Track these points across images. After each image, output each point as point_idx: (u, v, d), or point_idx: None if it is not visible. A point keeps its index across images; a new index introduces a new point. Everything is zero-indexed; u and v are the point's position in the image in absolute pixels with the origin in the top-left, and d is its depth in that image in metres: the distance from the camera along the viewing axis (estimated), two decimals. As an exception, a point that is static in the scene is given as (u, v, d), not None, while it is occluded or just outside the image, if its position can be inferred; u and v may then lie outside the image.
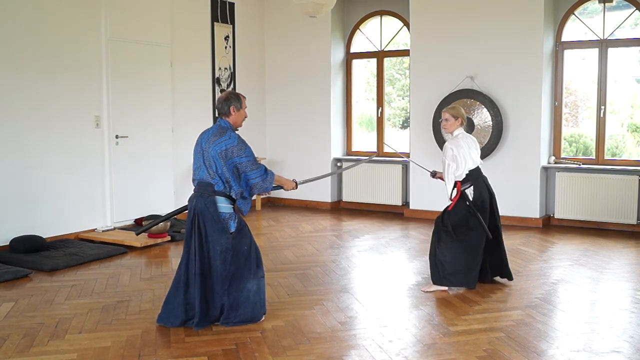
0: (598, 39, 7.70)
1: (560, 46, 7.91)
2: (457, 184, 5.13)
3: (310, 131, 9.48)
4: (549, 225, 7.91)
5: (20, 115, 6.63)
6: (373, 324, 4.42)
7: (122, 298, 5.03)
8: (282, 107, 9.77)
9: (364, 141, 9.68)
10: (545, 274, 5.67)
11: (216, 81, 8.95)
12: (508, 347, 3.96)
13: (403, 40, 9.09)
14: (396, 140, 9.35)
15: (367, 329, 4.32)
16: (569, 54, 7.98)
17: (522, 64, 7.76)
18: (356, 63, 9.61)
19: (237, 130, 4.46)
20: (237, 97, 4.43)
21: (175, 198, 8.23)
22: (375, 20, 9.27)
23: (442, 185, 5.28)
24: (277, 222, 8.39)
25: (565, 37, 7.91)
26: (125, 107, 7.63)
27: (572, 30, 7.92)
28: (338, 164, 9.40)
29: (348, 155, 9.57)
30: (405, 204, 8.88)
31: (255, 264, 4.42)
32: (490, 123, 7.89)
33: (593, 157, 7.87)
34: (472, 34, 8.04)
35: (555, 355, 3.85)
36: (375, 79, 9.32)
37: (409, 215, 8.63)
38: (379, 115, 9.23)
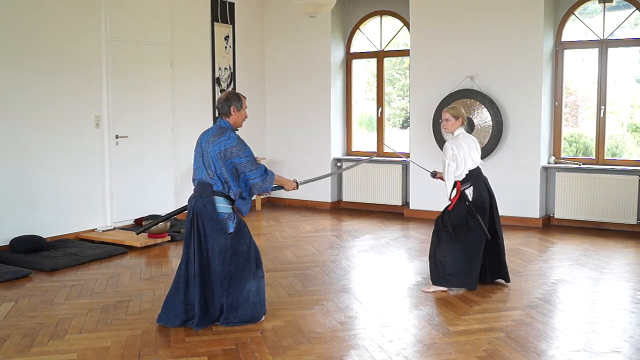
0: (598, 39, 7.70)
1: (560, 46, 7.91)
2: (456, 184, 5.13)
3: (310, 131, 9.48)
4: (549, 225, 7.91)
5: (20, 115, 6.63)
6: (373, 324, 4.42)
7: (122, 298, 5.04)
8: (282, 107, 9.77)
9: (364, 141, 9.68)
10: (545, 274, 5.67)
11: (216, 81, 8.94)
12: (508, 347, 3.96)
13: (403, 40, 9.09)
14: (396, 141, 9.34)
15: (367, 329, 4.32)
16: (569, 54, 7.98)
17: (522, 64, 7.76)
18: (356, 63, 9.61)
19: (237, 130, 4.46)
20: (238, 97, 4.43)
21: (175, 198, 8.23)
22: (375, 20, 9.27)
23: (442, 185, 5.27)
24: (277, 222, 8.39)
25: (565, 37, 7.91)
26: (125, 107, 7.63)
27: (572, 30, 7.92)
28: (338, 164, 9.39)
29: (348, 155, 9.57)
30: (405, 204, 8.88)
31: (254, 264, 4.42)
32: (490, 123, 7.89)
33: (593, 157, 7.87)
34: (472, 34, 8.04)
35: (555, 355, 3.85)
36: (375, 79, 9.32)
37: (409, 215, 8.63)
38: (379, 115, 9.23)
